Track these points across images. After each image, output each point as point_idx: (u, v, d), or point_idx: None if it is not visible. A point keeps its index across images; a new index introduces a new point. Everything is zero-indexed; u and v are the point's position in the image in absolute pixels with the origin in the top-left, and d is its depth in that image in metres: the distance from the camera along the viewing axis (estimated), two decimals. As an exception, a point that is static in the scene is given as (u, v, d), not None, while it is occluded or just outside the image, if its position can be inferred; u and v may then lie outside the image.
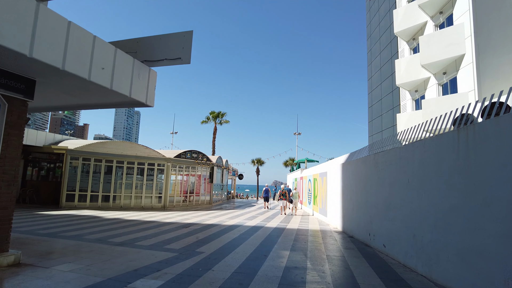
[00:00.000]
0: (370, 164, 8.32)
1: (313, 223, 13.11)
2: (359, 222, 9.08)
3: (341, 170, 11.22)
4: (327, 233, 10.18)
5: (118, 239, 7.69)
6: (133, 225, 10.31)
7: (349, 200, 10.16)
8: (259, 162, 45.83)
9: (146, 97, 6.69)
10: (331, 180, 12.74)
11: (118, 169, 17.22)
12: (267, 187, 21.47)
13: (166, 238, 8.10)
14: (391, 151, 7.02)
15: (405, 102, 18.56)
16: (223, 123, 38.45)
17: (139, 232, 8.92)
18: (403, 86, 17.53)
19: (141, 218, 12.53)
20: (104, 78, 5.54)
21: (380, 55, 23.04)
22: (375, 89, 23.86)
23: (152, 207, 17.64)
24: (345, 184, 10.70)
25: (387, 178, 7.13)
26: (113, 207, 16.72)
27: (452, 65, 13.74)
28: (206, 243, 7.68)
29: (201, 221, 12.06)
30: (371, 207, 8.13)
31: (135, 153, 17.55)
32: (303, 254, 6.80)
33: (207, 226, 10.73)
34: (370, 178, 8.29)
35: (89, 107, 7.42)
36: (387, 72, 21.45)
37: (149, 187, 17.86)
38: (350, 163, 10.20)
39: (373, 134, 23.52)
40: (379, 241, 7.46)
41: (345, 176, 10.67)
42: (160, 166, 18.19)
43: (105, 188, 16.77)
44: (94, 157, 16.54)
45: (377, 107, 23.16)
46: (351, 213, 9.93)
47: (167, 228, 10.04)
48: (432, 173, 5.22)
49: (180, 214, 14.61)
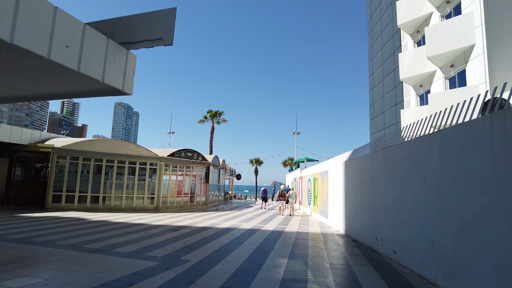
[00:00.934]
0: (377, 160, 7.50)
1: (313, 225, 12.29)
2: (365, 225, 8.26)
3: (343, 169, 10.40)
4: (329, 237, 9.36)
5: (95, 245, 6.85)
6: (118, 228, 9.47)
7: (352, 201, 9.34)
8: (257, 162, 44.99)
9: (123, 84, 5.86)
10: (333, 179, 11.92)
11: (108, 168, 16.37)
12: (265, 187, 21.55)
13: (150, 244, 7.26)
14: (402, 145, 6.21)
15: (409, 98, 17.76)
16: (221, 122, 37.57)
17: (122, 237, 8.08)
18: (407, 81, 16.73)
19: (129, 220, 11.68)
20: (69, 58, 4.70)
21: (381, 50, 22.26)
22: (376, 85, 23.07)
23: (144, 209, 16.79)
24: (348, 183, 9.88)
25: (398, 175, 6.32)
26: (102, 208, 15.87)
27: (460, 57, 12.94)
28: (194, 249, 6.85)
29: (193, 224, 11.22)
30: (378, 209, 7.31)
31: (126, 151, 16.71)
32: (303, 263, 5.97)
33: (198, 230, 9.89)
34: (377, 177, 7.48)
35: (61, 96, 6.57)
36: (390, 67, 20.66)
37: (141, 187, 17.02)
38: (354, 160, 9.39)
39: (375, 132, 22.72)
40: (389, 247, 6.64)
41: (348, 174, 9.86)
42: (153, 166, 17.35)
43: (95, 188, 15.91)
44: (82, 155, 15.69)
45: (379, 104, 22.37)
46: (355, 215, 9.11)
47: (155, 231, 9.20)
48: (456, 168, 4.40)
49: (173, 216, 13.77)
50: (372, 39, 24.59)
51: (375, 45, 23.80)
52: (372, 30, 24.62)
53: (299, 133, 44.68)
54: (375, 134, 22.50)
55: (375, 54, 23.75)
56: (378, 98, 22.47)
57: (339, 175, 10.93)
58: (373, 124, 23.39)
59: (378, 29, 23.21)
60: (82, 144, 15.72)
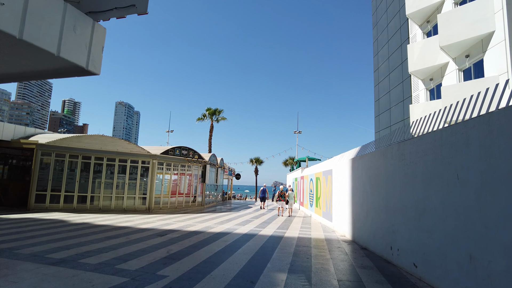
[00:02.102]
0: (392, 156, 6.44)
1: (316, 229, 11.24)
2: (376, 230, 7.20)
3: (350, 167, 9.34)
4: (334, 243, 8.30)
5: (61, 254, 5.82)
6: (98, 233, 8.44)
7: (361, 203, 8.28)
8: (257, 162, 43.94)
9: (87, 60, 4.82)
10: (337, 179, 10.87)
11: (97, 166, 15.36)
12: (264, 187, 21.14)
13: (126, 252, 6.22)
14: (426, 137, 5.15)
15: (418, 93, 16.69)
16: (220, 120, 36.49)
17: (98, 243, 7.05)
18: (416, 74, 15.65)
19: (114, 222, 10.66)
20: (6, 19, 3.68)
21: (388, 43, 21.17)
22: (382, 80, 21.98)
23: (136, 209, 15.77)
24: (355, 183, 8.83)
25: (420, 173, 5.26)
26: (90, 209, 14.85)
27: (477, 46, 11.86)
28: (177, 260, 5.81)
29: (184, 227, 10.19)
30: (394, 213, 6.26)
31: (116, 148, 15.69)
32: (305, 279, 4.92)
33: (188, 234, 8.85)
34: (392, 175, 6.42)
35: (14, 77, 5.54)
36: (396, 61, 19.57)
37: (132, 187, 16.00)
38: (363, 157, 8.33)
39: (380, 129, 21.63)
40: (407, 259, 5.58)
41: (356, 173, 8.80)
42: (145, 164, 16.33)
43: (82, 187, 14.91)
44: (69, 152, 14.68)
45: (384, 100, 21.28)
46: (364, 219, 8.05)
47: (138, 236, 8.17)
48: (509, 162, 3.35)
49: (164, 218, 12.74)
50: (377, 32, 23.50)
51: (380, 39, 22.71)
52: (377, 23, 23.53)
53: (300, 132, 43.63)
54: (381, 131, 21.41)
55: (380, 48, 22.66)
56: (384, 94, 21.38)
57: (345, 174, 9.88)
58: (378, 122, 22.30)
59: (383, 21, 22.13)
60: (68, 140, 14.71)
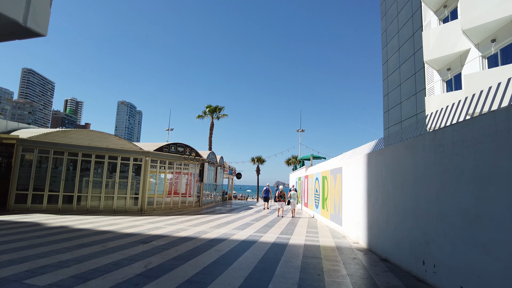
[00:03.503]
0: (424, 148, 5.17)
1: (323, 234, 9.98)
2: (401, 239, 5.93)
3: (365, 164, 8.07)
4: (348, 253, 7.04)
5: (6, 271, 4.61)
6: (71, 239, 7.24)
7: (380, 206, 7.01)
8: (259, 161, 42.67)
9: (25, 14, 3.57)
10: (349, 177, 9.60)
11: (84, 163, 14.19)
12: (267, 187, 20.36)
13: (93, 267, 5.00)
14: (479, 120, 3.87)
15: (433, 85, 15.36)
16: (221, 117, 35.23)
17: (63, 254, 5.84)
18: (432, 63, 14.33)
19: (97, 226, 9.46)
20: None
21: (398, 34, 19.83)
22: (391, 74, 20.65)
23: (127, 211, 14.58)
24: (372, 182, 7.56)
25: (470, 169, 3.99)
26: (77, 210, 13.69)
27: (506, 29, 10.54)
28: (153, 278, 4.58)
29: (174, 232, 8.96)
30: (427, 218, 4.98)
31: (106, 144, 14.51)
32: (319, 309, 3.67)
33: (176, 241, 7.62)
34: (423, 172, 5.15)
35: None
36: (408, 52, 18.24)
37: (123, 186, 14.81)
38: (382, 152, 7.05)
39: (389, 126, 20.31)
40: (451, 279, 4.31)
41: (373, 171, 7.53)
42: (137, 161, 15.14)
43: (68, 187, 13.74)
44: (54, 148, 13.52)
45: (394, 94, 19.95)
46: (384, 224, 6.78)
47: (117, 244, 6.95)
48: None
49: (155, 220, 11.53)
50: (386, 23, 22.16)
51: (389, 30, 21.37)
52: (386, 13, 22.19)
53: (303, 131, 42.32)
54: (391, 128, 20.08)
55: (389, 40, 21.32)
56: (394, 88, 20.05)
57: (358, 172, 8.61)
58: (387, 117, 20.97)
59: (393, 11, 20.78)
60: (53, 135, 13.54)
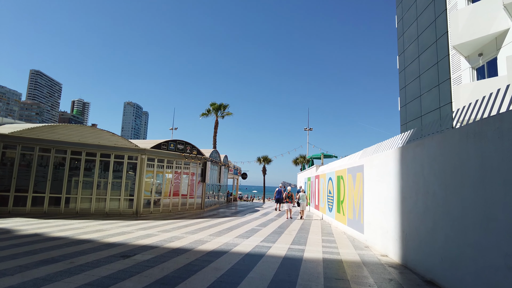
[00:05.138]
0: (501, 134, 3.65)
1: (342, 243, 8.47)
2: (458, 257, 4.41)
3: (398, 159, 6.56)
4: (379, 272, 5.53)
5: None
6: (36, 252, 5.88)
7: (421, 211, 5.49)
8: (265, 160, 41.14)
9: None
10: (373, 177, 8.08)
11: (73, 162, 12.92)
12: (280, 188, 19.38)
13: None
14: None
15: (459, 74, 13.72)
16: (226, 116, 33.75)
17: (10, 277, 4.47)
18: (461, 48, 12.70)
19: (78, 233, 8.12)
20: None
21: (417, 21, 18.18)
22: (409, 65, 18.99)
23: (121, 214, 13.26)
24: (408, 181, 6.04)
25: None
26: (65, 213, 12.42)
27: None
28: (117, 321, 3.16)
29: (165, 242, 7.55)
30: (509, 234, 3.46)
31: (97, 141, 13.22)
32: None
33: (165, 255, 6.21)
34: (500, 168, 3.63)
35: None
36: (429, 40, 16.59)
37: (117, 186, 13.50)
38: (424, 143, 5.53)
39: (407, 121, 18.65)
40: None
41: (409, 167, 6.01)
42: (132, 160, 13.82)
43: (55, 187, 12.48)
44: (39, 145, 12.27)
45: (413, 87, 18.29)
46: (428, 235, 5.26)
47: (89, 259, 5.57)
48: None
49: (148, 226, 10.16)
50: (402, 10, 20.50)
51: (407, 17, 19.72)
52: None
53: (311, 129, 40.75)
54: (408, 123, 18.43)
55: (406, 28, 19.67)
56: (412, 80, 18.39)
57: (387, 169, 7.09)
58: (404, 112, 19.31)
59: (411, -4, 19.13)
60: (39, 131, 12.29)
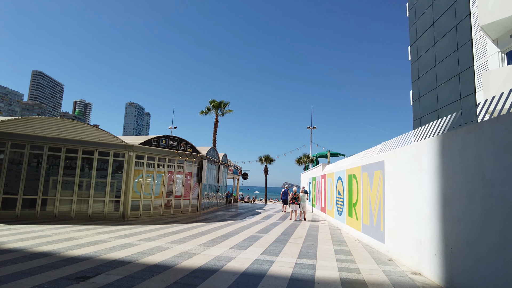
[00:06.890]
0: None
1: (359, 255, 6.99)
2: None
3: (437, 152, 5.08)
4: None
5: None
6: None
7: (477, 219, 4.01)
8: (267, 160, 39.68)
9: None
10: (398, 175, 6.61)
11: (51, 159, 11.54)
12: (286, 189, 18.46)
13: None
14: None
15: (486, 60, 12.21)
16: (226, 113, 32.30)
17: None
18: (491, 29, 11.18)
19: (38, 243, 6.70)
20: None
21: (432, 6, 16.67)
22: (423, 55, 17.48)
23: (105, 217, 11.86)
24: (455, 179, 4.56)
25: None
26: (41, 216, 11.03)
27: None
28: None
29: (143, 255, 6.12)
30: None
31: (79, 136, 11.83)
32: None
33: (136, 276, 4.76)
34: None
35: None
36: (447, 25, 15.08)
37: (101, 187, 12.09)
38: (484, 129, 4.06)
39: (421, 116, 17.13)
40: None
41: (456, 161, 4.53)
42: (119, 157, 12.41)
43: (30, 188, 11.10)
44: (12, 140, 10.91)
45: (428, 78, 16.77)
46: (490, 251, 3.76)
47: (31, 284, 4.14)
48: None
49: (131, 233, 8.74)
50: (415, -3, 19.00)
51: (420, 3, 18.21)
52: (415, -15, 19.02)
53: (314, 128, 39.25)
54: (422, 118, 16.92)
55: (419, 15, 18.16)
56: (427, 71, 16.88)
57: (420, 165, 5.61)
58: (418, 106, 17.80)
59: (425, -20, 17.62)
60: (11, 124, 10.91)
